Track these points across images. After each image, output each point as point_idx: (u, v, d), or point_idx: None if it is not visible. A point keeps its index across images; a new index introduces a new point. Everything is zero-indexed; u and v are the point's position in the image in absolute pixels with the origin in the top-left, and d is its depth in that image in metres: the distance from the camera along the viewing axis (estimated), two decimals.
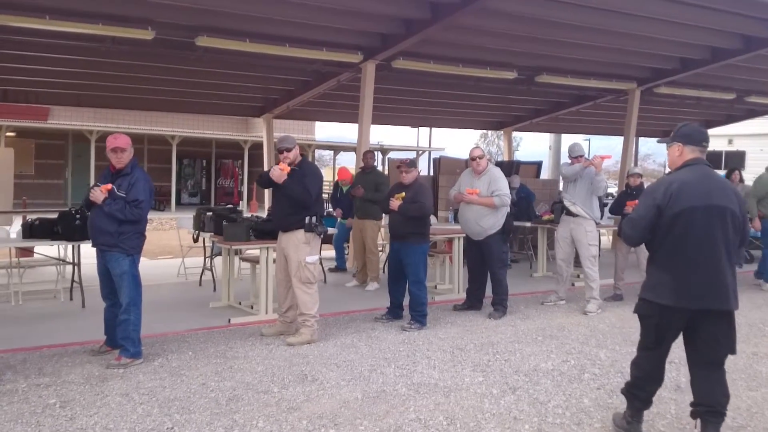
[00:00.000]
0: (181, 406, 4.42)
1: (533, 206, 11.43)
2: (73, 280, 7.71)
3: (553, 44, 10.43)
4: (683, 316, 3.78)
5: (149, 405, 4.43)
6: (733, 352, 3.82)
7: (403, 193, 6.82)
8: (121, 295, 5.32)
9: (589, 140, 36.17)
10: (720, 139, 21.17)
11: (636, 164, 26.28)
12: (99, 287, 5.53)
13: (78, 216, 7.16)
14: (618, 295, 8.46)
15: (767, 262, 9.54)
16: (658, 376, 3.99)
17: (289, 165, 6.02)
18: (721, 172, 9.88)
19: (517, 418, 4.32)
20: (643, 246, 8.19)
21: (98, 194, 5.26)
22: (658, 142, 4.43)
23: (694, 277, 3.73)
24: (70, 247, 7.68)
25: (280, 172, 5.91)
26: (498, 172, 7.38)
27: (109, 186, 5.28)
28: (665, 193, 3.80)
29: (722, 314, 3.75)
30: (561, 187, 9.40)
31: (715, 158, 20.63)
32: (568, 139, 18.48)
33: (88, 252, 6.02)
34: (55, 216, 7.45)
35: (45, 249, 8.15)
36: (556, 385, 5.01)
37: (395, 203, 6.78)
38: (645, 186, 8.56)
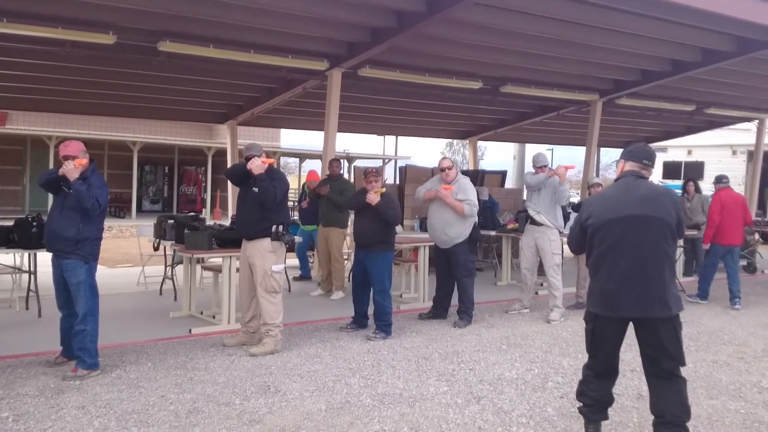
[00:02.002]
0: (139, 419, 4.31)
1: (497, 215, 11.48)
2: (29, 289, 7.51)
3: (518, 55, 10.53)
4: (614, 324, 3.91)
5: (106, 418, 4.31)
6: (680, 362, 3.84)
7: (384, 189, 6.77)
8: (77, 304, 5.19)
9: (552, 150, 36.66)
10: (680, 149, 21.59)
11: (598, 174, 26.70)
12: (55, 296, 5.39)
13: (35, 224, 6.98)
14: (580, 303, 8.50)
15: (704, 282, 9.28)
16: (603, 383, 4.06)
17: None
18: (679, 183, 10.02)
19: (482, 428, 4.30)
20: None
21: (72, 169, 5.09)
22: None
23: (616, 286, 3.84)
24: (26, 255, 7.48)
25: (261, 164, 5.83)
26: (467, 182, 7.40)
27: (84, 161, 5.14)
28: (585, 210, 4.07)
29: (659, 322, 3.79)
30: (525, 197, 9.46)
31: (674, 168, 21.04)
32: (532, 149, 18.59)
33: (44, 260, 5.87)
34: (11, 223, 7.25)
35: (0, 257, 7.91)
36: (520, 394, 5.01)
37: (374, 197, 6.71)
38: None
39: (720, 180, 9.33)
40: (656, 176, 20.52)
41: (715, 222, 8.98)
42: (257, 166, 5.84)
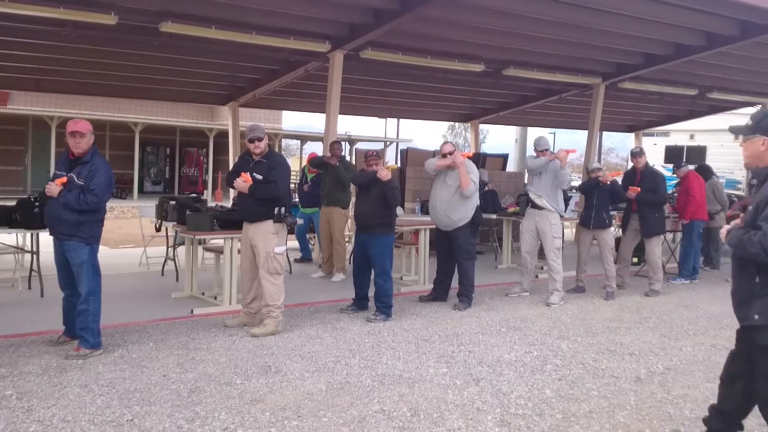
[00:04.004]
0: (141, 397, 4.36)
1: (498, 198, 11.49)
2: (31, 269, 7.55)
3: (521, 38, 10.48)
4: None
5: (109, 396, 4.35)
6: None
7: (396, 165, 6.77)
8: (80, 284, 5.21)
9: (555, 134, 36.65)
10: (682, 134, 21.53)
11: (600, 158, 26.67)
12: (57, 277, 5.42)
13: (37, 204, 6.99)
14: (580, 287, 8.56)
15: (688, 261, 9.64)
16: None
17: (258, 154, 5.98)
18: (691, 167, 10.09)
19: (480, 409, 4.35)
20: (606, 239, 8.40)
21: (53, 188, 5.17)
22: (731, 130, 3.76)
23: None
24: (28, 235, 7.51)
25: (243, 184, 5.90)
26: (471, 164, 7.40)
27: (65, 179, 5.17)
28: None
29: None
30: (526, 180, 9.47)
31: (676, 153, 20.99)
32: (534, 133, 18.52)
33: (46, 240, 5.89)
34: (13, 203, 7.27)
35: (3, 237, 7.95)
36: (518, 376, 5.05)
37: (386, 173, 6.72)
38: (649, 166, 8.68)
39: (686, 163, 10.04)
40: (658, 160, 20.49)
41: (698, 199, 9.47)
42: (241, 187, 5.93)
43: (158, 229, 8.22)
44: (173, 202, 7.81)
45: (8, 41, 9.72)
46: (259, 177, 5.93)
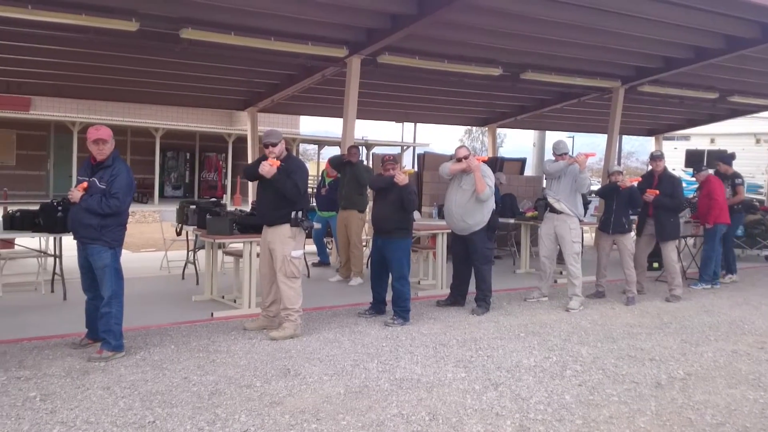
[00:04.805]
0: (162, 399, 4.40)
1: (516, 203, 11.46)
2: (54, 273, 7.65)
3: (539, 41, 10.45)
4: None
5: (131, 398, 4.40)
6: None
7: (413, 169, 6.79)
8: (102, 288, 5.28)
9: (573, 137, 36.42)
10: (702, 138, 21.33)
11: (619, 162, 26.47)
12: (80, 280, 5.49)
13: (60, 208, 7.10)
14: (600, 292, 8.51)
15: (709, 266, 9.50)
16: None
17: (276, 159, 6.02)
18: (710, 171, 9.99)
19: (499, 414, 4.34)
20: (626, 244, 8.36)
21: (75, 194, 5.25)
22: None
23: None
24: (51, 239, 7.61)
25: (269, 167, 5.89)
26: (486, 168, 7.39)
27: (85, 184, 5.24)
28: None
29: None
30: (544, 184, 9.44)
31: (697, 157, 20.81)
32: (552, 137, 18.48)
33: (69, 244, 5.98)
34: (36, 207, 7.38)
35: (26, 241, 8.06)
36: (538, 382, 5.04)
37: (403, 177, 6.72)
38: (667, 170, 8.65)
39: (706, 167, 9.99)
40: (678, 164, 20.32)
41: (720, 203, 9.33)
42: (266, 171, 5.91)
43: (179, 233, 8.29)
44: (193, 207, 7.89)
45: (31, 48, 9.86)
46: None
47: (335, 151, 23.94)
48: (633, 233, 8.83)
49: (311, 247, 10.29)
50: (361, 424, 4.10)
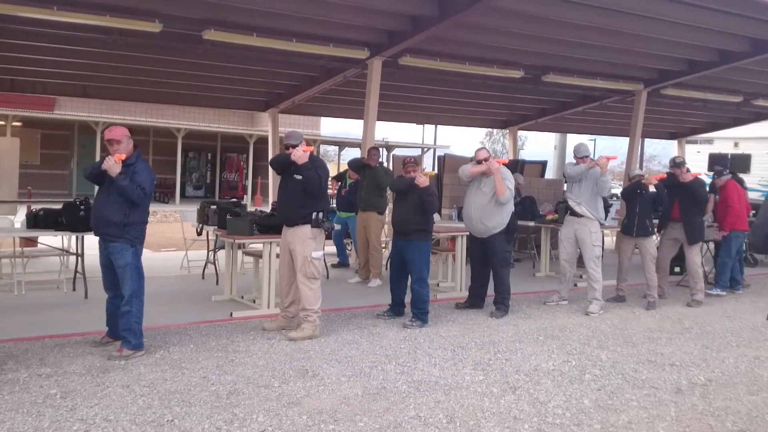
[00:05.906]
0: (181, 398, 4.44)
1: (536, 205, 11.40)
2: (76, 271, 7.73)
3: (561, 44, 10.40)
4: None
5: (150, 397, 4.44)
6: None
7: (434, 172, 6.78)
8: (123, 286, 5.33)
9: (595, 140, 36.09)
10: (726, 141, 21.08)
11: (641, 166, 26.21)
12: (101, 278, 5.55)
13: (82, 207, 7.18)
14: (621, 296, 8.44)
15: (725, 272, 9.35)
16: None
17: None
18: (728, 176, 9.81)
19: (517, 418, 4.32)
20: (648, 248, 8.26)
21: (113, 164, 5.15)
22: None
23: None
24: (73, 237, 7.69)
25: (302, 153, 5.92)
26: (506, 171, 7.36)
27: (123, 155, 5.23)
28: None
29: None
30: (565, 187, 9.37)
31: (720, 161, 20.57)
32: (573, 139, 18.37)
33: (91, 243, 6.04)
34: (59, 207, 7.47)
35: (49, 239, 8.17)
36: (556, 385, 5.01)
37: (424, 179, 6.72)
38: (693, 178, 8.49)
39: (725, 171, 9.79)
40: (702, 168, 20.09)
41: (736, 209, 9.22)
42: (300, 156, 5.92)
43: (199, 233, 8.35)
44: (214, 207, 7.94)
45: (56, 48, 9.99)
46: (299, 177, 6.00)
47: (356, 153, 23.90)
48: (656, 237, 8.74)
49: (330, 248, 10.31)
50: (379, 425, 4.10)
